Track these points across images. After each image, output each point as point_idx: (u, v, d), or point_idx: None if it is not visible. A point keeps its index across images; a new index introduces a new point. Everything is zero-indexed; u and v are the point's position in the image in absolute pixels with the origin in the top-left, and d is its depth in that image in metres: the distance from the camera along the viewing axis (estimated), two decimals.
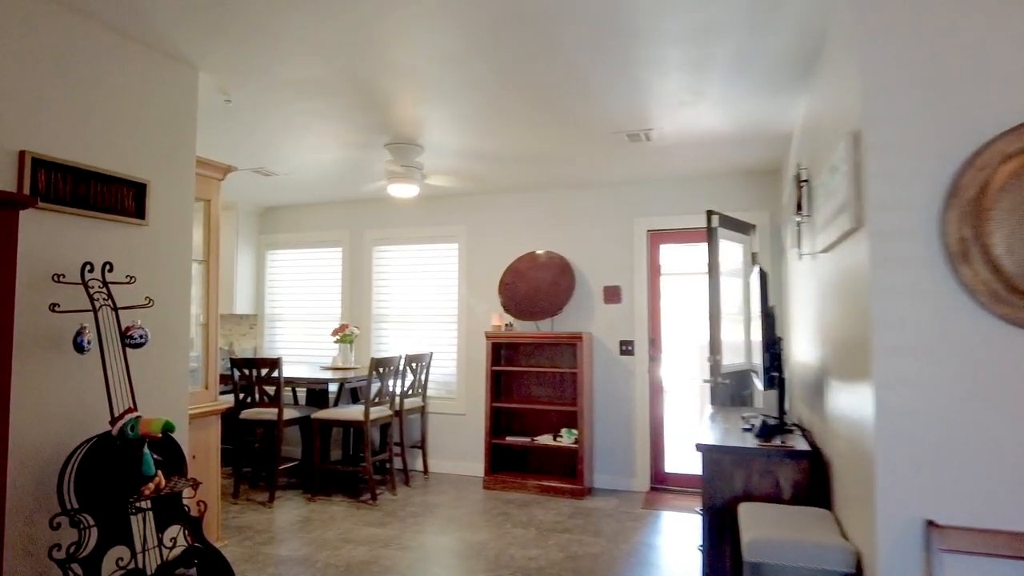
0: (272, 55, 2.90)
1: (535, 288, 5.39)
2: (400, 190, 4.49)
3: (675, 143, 4.19)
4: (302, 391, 5.95)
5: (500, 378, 5.52)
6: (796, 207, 3.31)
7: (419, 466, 5.81)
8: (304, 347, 6.39)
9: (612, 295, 5.35)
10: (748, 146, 4.26)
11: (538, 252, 5.52)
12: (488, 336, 5.30)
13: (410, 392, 5.38)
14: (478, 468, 5.61)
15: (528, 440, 5.23)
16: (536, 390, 5.50)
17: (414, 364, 5.36)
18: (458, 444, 5.75)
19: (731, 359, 4.25)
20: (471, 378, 5.75)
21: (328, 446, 5.28)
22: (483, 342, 5.69)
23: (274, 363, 4.73)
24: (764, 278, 3.10)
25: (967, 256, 1.80)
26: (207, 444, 3.46)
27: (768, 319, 3.03)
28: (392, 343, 6.10)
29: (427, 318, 5.99)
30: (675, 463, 5.37)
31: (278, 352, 6.46)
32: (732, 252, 4.51)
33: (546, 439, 5.20)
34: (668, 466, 5.25)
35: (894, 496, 1.84)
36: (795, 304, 3.92)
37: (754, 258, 4.90)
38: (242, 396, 4.88)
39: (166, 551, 2.46)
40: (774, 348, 3.06)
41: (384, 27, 2.62)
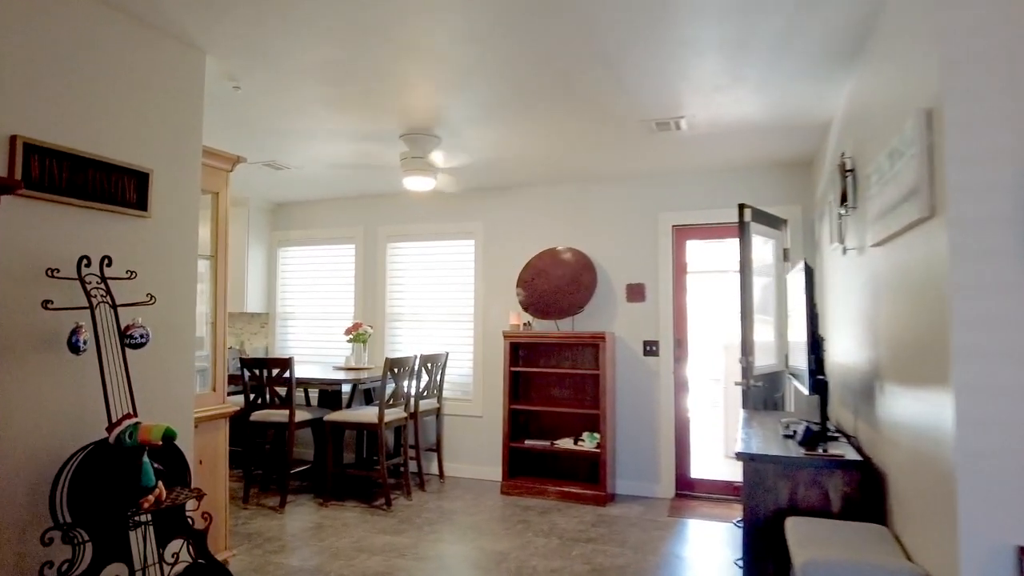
0: (282, 37, 2.72)
1: (555, 286, 5.19)
2: (415, 183, 4.30)
3: (706, 133, 3.97)
4: (314, 392, 5.76)
5: (518, 379, 5.33)
6: (840, 199, 3.10)
7: (434, 470, 5.63)
8: (316, 347, 6.23)
9: (636, 293, 5.14)
10: (781, 136, 4.04)
11: (558, 248, 5.31)
12: (506, 336, 5.11)
13: (425, 393, 5.20)
14: (495, 472, 5.42)
15: (547, 444, 5.02)
16: (556, 392, 5.30)
17: (429, 364, 5.17)
18: (474, 447, 5.57)
19: (762, 360, 4.04)
20: (488, 379, 5.56)
21: (341, 449, 5.10)
22: (501, 342, 5.50)
23: (285, 363, 4.56)
24: (810, 274, 2.89)
25: None
26: (215, 449, 3.28)
27: (813, 319, 2.82)
28: (406, 343, 5.92)
29: (442, 317, 5.81)
30: (701, 469, 5.15)
31: (290, 352, 6.30)
32: (763, 248, 4.30)
33: (566, 443, 4.99)
34: (694, 472, 5.04)
35: (979, 518, 1.63)
36: (833, 302, 3.69)
37: (786, 254, 4.68)
38: (252, 397, 4.72)
39: (167, 568, 2.29)
40: (819, 350, 2.85)
41: (403, 4, 2.43)
